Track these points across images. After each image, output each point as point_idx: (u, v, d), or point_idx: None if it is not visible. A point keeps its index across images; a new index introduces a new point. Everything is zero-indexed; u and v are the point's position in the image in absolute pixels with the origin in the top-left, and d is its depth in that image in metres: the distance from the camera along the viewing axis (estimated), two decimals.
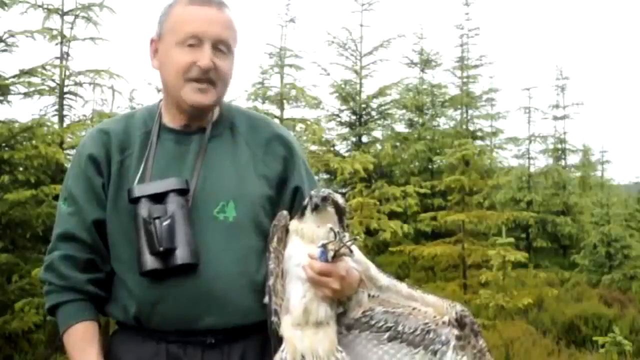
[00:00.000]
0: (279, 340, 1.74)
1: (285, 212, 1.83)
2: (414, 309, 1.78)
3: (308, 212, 1.75)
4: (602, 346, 6.38)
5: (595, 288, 10.16)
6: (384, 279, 1.81)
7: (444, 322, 1.75)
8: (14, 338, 5.62)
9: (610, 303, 8.74)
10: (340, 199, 1.77)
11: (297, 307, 1.72)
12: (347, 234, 1.75)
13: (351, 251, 1.72)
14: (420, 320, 1.76)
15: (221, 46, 1.84)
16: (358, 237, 1.81)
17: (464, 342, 1.73)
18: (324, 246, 1.69)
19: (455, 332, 1.73)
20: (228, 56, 1.86)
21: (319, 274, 1.69)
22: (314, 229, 1.74)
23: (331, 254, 1.68)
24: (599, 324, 7.55)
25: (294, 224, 1.78)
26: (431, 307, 1.77)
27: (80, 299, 1.84)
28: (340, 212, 1.76)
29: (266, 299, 1.76)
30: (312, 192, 1.77)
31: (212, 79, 1.83)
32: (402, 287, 1.80)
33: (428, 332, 1.75)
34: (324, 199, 1.74)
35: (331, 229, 1.70)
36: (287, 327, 1.73)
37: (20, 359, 5.63)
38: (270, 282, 1.76)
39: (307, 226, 1.75)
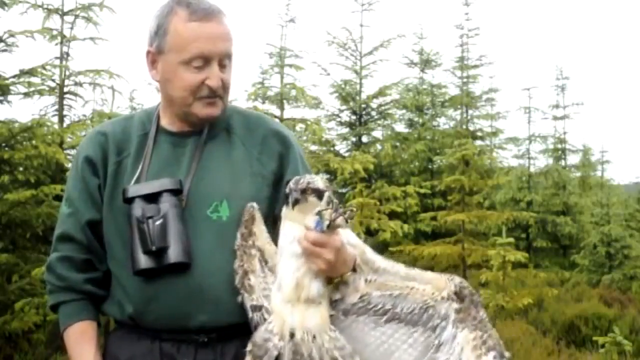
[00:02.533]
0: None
1: (253, 204, 1.82)
2: (412, 288, 1.72)
3: (291, 205, 1.70)
4: (602, 346, 6.39)
5: (595, 288, 10.16)
6: (380, 261, 1.76)
7: (442, 298, 1.70)
8: (14, 338, 5.62)
9: (610, 303, 8.74)
10: (320, 183, 1.69)
11: (289, 282, 1.67)
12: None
13: (347, 221, 1.67)
14: (419, 298, 1.71)
15: (225, 60, 1.85)
16: (354, 208, 1.76)
17: (463, 315, 1.67)
18: (320, 214, 1.64)
19: (455, 305, 1.68)
20: (229, 65, 1.87)
21: (313, 244, 1.64)
22: (302, 217, 1.68)
23: (327, 222, 1.63)
24: (599, 324, 7.55)
25: (284, 211, 1.73)
26: (429, 284, 1.72)
27: (79, 298, 1.87)
28: (321, 196, 1.68)
29: (239, 298, 1.76)
30: (291, 184, 1.70)
31: (220, 93, 1.85)
32: (400, 267, 1.75)
33: (427, 309, 1.70)
34: (303, 191, 1.68)
35: (329, 196, 1.66)
36: (277, 302, 1.70)
37: (20, 359, 5.63)
38: (236, 281, 1.77)
39: (296, 215, 1.70)
